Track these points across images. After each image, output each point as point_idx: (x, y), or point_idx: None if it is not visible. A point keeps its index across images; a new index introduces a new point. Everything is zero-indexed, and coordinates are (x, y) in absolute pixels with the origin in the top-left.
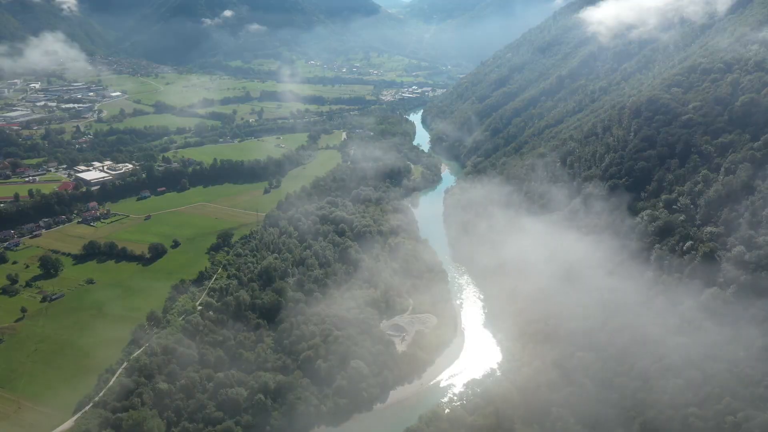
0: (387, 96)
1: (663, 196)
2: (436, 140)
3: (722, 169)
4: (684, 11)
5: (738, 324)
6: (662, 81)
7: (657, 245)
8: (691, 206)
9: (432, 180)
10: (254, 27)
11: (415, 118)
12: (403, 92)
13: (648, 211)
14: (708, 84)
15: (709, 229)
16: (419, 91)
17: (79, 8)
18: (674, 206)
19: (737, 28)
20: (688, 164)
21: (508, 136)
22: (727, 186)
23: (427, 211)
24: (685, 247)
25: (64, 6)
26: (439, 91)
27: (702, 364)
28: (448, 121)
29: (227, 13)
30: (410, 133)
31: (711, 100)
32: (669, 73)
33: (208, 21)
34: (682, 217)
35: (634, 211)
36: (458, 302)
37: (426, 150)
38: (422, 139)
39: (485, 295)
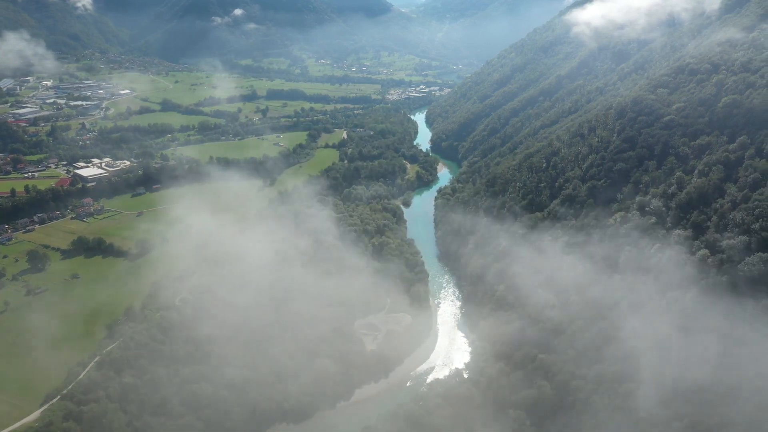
0: (393, 95)
1: (637, 198)
2: (436, 140)
3: (696, 171)
4: (682, 12)
5: (696, 328)
6: (649, 82)
7: (626, 248)
8: (663, 209)
9: (427, 180)
10: (265, 26)
11: (420, 117)
12: (409, 91)
13: (621, 213)
14: (694, 85)
15: (677, 232)
16: (426, 90)
17: (94, 7)
18: (647, 209)
19: (730, 28)
20: (664, 166)
21: (505, 137)
22: (698, 189)
23: (419, 211)
24: (652, 250)
25: (79, 5)
26: (446, 91)
27: (658, 368)
28: (449, 121)
29: (237, 11)
30: (411, 133)
31: (695, 101)
32: (657, 74)
33: (218, 19)
34: (653, 220)
35: (609, 212)
36: (436, 302)
37: (426, 149)
38: (425, 138)
39: (464, 296)
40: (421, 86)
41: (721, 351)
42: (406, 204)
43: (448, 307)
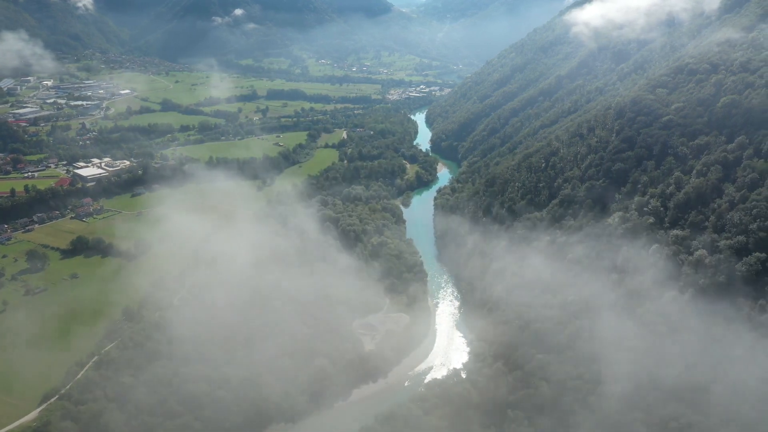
0: (393, 95)
1: (636, 198)
2: (436, 140)
3: (694, 171)
4: (682, 12)
5: (694, 328)
6: (648, 82)
7: (624, 248)
8: (661, 209)
9: (427, 180)
10: (265, 26)
11: (420, 117)
12: (409, 91)
13: (619, 213)
14: (693, 85)
15: (675, 232)
16: (426, 90)
17: (95, 7)
18: (645, 208)
19: (730, 28)
20: (663, 166)
21: (505, 137)
22: (696, 189)
23: (419, 211)
24: (650, 251)
25: (80, 5)
26: (447, 91)
27: (653, 369)
28: (449, 121)
29: (238, 11)
30: (411, 133)
31: (694, 101)
32: (656, 74)
33: (218, 19)
34: (651, 220)
35: (608, 213)
36: (435, 302)
37: (426, 149)
38: (425, 138)
39: (463, 296)
40: (422, 86)
41: (719, 351)
42: (406, 204)
43: (446, 307)
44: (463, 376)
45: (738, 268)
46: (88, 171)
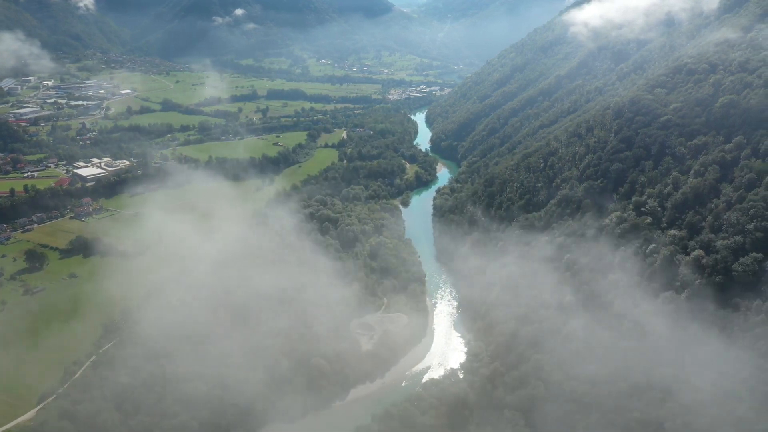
0: (394, 95)
1: (633, 198)
2: (436, 140)
3: (692, 171)
4: (681, 12)
5: (691, 328)
6: (647, 82)
7: (622, 248)
8: (659, 209)
9: (426, 180)
10: (266, 26)
11: (420, 117)
12: (410, 91)
13: (617, 213)
14: (691, 85)
15: (672, 232)
16: (426, 90)
17: (95, 7)
18: (642, 209)
19: (728, 28)
20: (661, 166)
21: (504, 137)
22: (694, 189)
23: (418, 211)
24: (647, 251)
25: (81, 5)
26: (447, 91)
27: (650, 369)
28: (449, 121)
29: (238, 11)
30: (411, 132)
31: (692, 101)
32: (655, 74)
33: (219, 19)
34: (648, 220)
35: (605, 213)
36: (433, 302)
37: (426, 149)
38: (425, 138)
39: (461, 296)
40: (422, 86)
41: (717, 351)
42: (405, 204)
43: (444, 306)
44: (460, 376)
45: (735, 268)
46: (87, 171)
